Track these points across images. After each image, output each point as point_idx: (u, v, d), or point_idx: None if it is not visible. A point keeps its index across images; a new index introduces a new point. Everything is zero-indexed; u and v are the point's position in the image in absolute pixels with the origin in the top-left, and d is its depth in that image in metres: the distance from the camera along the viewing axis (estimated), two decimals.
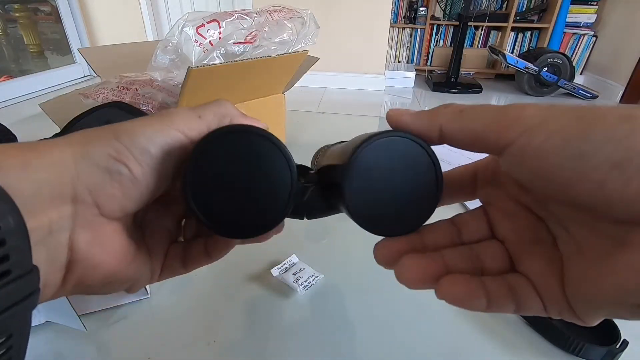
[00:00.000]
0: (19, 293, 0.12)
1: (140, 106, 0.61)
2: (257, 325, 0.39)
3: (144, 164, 0.16)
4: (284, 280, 0.43)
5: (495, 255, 0.18)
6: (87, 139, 0.16)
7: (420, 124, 0.17)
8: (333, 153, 0.23)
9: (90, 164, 0.15)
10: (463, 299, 0.16)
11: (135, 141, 0.16)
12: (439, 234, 0.19)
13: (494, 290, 0.17)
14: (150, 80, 0.64)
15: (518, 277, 0.17)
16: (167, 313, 0.41)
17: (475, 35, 2.30)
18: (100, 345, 0.37)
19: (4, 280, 0.11)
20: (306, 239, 0.52)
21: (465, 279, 0.17)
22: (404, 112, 0.18)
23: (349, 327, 0.39)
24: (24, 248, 0.12)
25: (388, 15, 1.78)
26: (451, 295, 0.17)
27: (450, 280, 0.17)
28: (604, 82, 1.98)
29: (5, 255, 0.11)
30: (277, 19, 0.69)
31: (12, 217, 0.12)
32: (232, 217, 0.18)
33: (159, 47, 0.61)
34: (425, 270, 0.17)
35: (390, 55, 2.42)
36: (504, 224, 0.18)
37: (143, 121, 0.17)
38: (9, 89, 1.46)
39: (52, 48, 1.99)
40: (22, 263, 0.12)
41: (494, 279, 0.17)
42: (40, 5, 1.91)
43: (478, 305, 0.16)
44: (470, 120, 0.16)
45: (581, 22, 2.10)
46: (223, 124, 0.19)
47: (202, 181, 0.17)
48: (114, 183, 0.15)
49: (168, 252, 0.21)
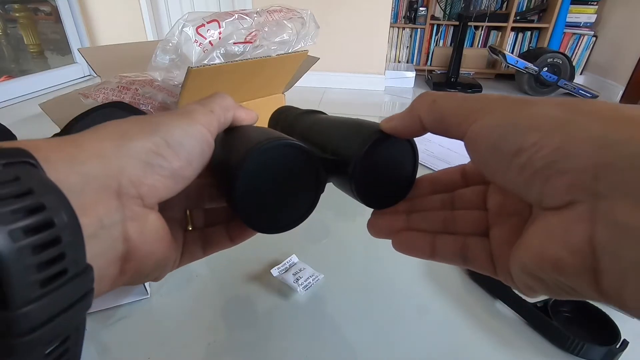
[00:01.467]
0: (75, 294, 0.12)
1: (140, 106, 0.61)
2: (257, 325, 0.39)
3: (181, 156, 0.17)
4: (284, 280, 0.43)
5: (472, 221, 0.20)
6: (125, 132, 0.16)
7: (405, 124, 0.19)
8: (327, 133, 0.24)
9: (132, 157, 0.15)
10: (408, 248, 0.21)
11: (173, 135, 0.17)
12: (430, 202, 0.23)
13: (443, 245, 0.20)
14: (150, 80, 0.64)
15: (479, 240, 0.19)
16: (167, 313, 0.41)
17: (475, 35, 2.30)
18: (100, 345, 0.37)
19: (60, 280, 0.11)
20: (306, 239, 0.52)
21: (415, 234, 0.21)
22: (389, 119, 0.20)
23: (349, 327, 0.39)
24: (78, 245, 0.12)
25: (388, 15, 1.78)
26: (397, 243, 0.21)
27: (403, 234, 0.22)
28: (604, 82, 1.98)
29: (61, 253, 0.11)
30: (277, 19, 0.69)
31: (65, 213, 0.11)
32: (269, 216, 0.20)
33: (159, 47, 0.61)
34: (389, 225, 0.22)
35: (390, 55, 2.42)
36: (494, 198, 0.20)
37: (174, 116, 0.18)
38: (9, 89, 1.46)
39: (52, 48, 1.99)
40: (77, 261, 0.12)
41: (449, 237, 0.20)
42: (40, 5, 1.91)
43: (423, 254, 0.21)
44: (440, 111, 0.18)
45: (581, 22, 2.10)
46: (227, 117, 0.21)
47: (247, 188, 0.19)
48: (155, 175, 0.16)
49: (185, 240, 0.22)
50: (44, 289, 0.10)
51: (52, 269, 0.11)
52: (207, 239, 0.22)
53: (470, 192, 0.22)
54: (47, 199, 0.11)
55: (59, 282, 0.11)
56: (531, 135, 0.13)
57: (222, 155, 0.21)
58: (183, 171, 0.17)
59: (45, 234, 0.11)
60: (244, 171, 0.18)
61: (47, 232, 0.11)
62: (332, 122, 0.25)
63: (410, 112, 0.19)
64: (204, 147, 0.18)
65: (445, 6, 1.94)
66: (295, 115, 0.29)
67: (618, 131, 0.12)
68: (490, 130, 0.15)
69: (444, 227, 0.21)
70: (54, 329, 0.11)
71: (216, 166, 0.21)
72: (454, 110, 0.17)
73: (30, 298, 0.10)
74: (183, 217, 0.23)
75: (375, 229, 0.23)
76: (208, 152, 0.19)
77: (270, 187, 0.19)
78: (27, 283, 0.10)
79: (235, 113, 0.21)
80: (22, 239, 0.10)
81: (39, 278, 0.10)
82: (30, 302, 0.10)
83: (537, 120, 0.14)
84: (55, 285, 0.11)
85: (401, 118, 0.20)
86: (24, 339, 0.10)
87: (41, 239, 0.10)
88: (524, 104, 0.15)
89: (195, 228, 0.23)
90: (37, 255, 0.10)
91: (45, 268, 0.11)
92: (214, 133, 0.19)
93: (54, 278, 0.11)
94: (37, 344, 0.10)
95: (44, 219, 0.11)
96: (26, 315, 0.10)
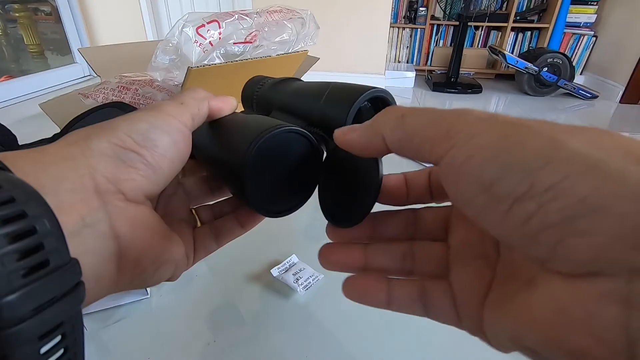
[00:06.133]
0: (63, 285, 0.11)
1: (140, 106, 0.61)
2: (257, 325, 0.39)
3: (149, 146, 0.17)
4: (284, 280, 0.43)
5: (432, 258, 0.18)
6: (88, 135, 0.16)
7: (364, 141, 0.16)
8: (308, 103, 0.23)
9: (100, 155, 0.15)
10: (360, 296, 0.18)
11: (136, 128, 0.17)
12: (394, 225, 0.20)
13: (399, 292, 0.18)
14: (150, 80, 0.64)
15: (440, 284, 0.17)
16: (167, 313, 0.41)
17: (475, 35, 2.30)
18: (100, 345, 0.37)
19: (43, 270, 0.11)
20: (306, 239, 0.52)
21: (368, 281, 0.18)
22: (347, 130, 0.17)
23: (349, 327, 0.39)
24: (56, 236, 0.12)
25: (388, 15, 1.78)
26: (348, 291, 0.19)
27: (356, 280, 0.19)
28: (604, 82, 1.98)
29: (39, 244, 0.11)
30: (277, 19, 0.69)
31: (36, 204, 0.11)
32: (279, 200, 0.21)
33: (159, 47, 0.61)
34: (344, 259, 0.20)
35: (390, 55, 2.42)
36: (458, 231, 0.18)
37: (138, 112, 0.18)
38: (9, 89, 1.46)
39: (52, 48, 1.99)
40: (58, 252, 0.12)
41: (407, 282, 0.18)
42: (40, 5, 1.91)
43: (378, 304, 0.18)
44: (408, 130, 0.14)
45: (581, 22, 2.10)
46: (202, 108, 0.20)
47: (255, 180, 0.19)
48: (130, 168, 0.16)
49: (195, 236, 0.22)
50: (26, 279, 0.10)
51: (32, 259, 0.11)
52: (218, 230, 0.22)
53: (432, 216, 0.19)
54: (15, 193, 0.11)
55: (41, 272, 0.11)
56: (546, 176, 0.10)
57: (216, 149, 0.21)
58: (159, 163, 0.17)
59: (17, 225, 0.11)
60: (249, 166, 0.18)
61: (20, 223, 0.11)
62: (309, 91, 0.24)
63: (372, 128, 0.16)
64: (176, 137, 0.18)
65: (445, 6, 1.94)
66: (269, 86, 0.27)
67: None
68: (481, 163, 0.11)
69: (402, 265, 0.19)
70: (44, 321, 0.11)
71: (213, 160, 0.21)
72: (426, 129, 0.14)
73: (12, 288, 0.10)
74: (190, 216, 0.23)
75: (326, 262, 0.20)
76: (183, 143, 0.18)
77: (275, 174, 0.20)
78: (6, 272, 0.10)
79: (211, 103, 0.21)
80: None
81: (18, 267, 0.10)
82: (13, 291, 0.10)
83: (551, 153, 0.10)
84: (38, 275, 0.11)
85: (360, 133, 0.16)
86: (11, 330, 0.10)
87: (14, 229, 0.10)
88: (525, 127, 0.11)
89: (204, 223, 0.23)
90: (14, 245, 0.10)
91: (24, 257, 0.11)
92: (188, 124, 0.19)
93: (36, 269, 0.11)
94: (27, 337, 0.10)
95: (15, 211, 0.11)
96: (10, 304, 0.10)
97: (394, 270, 0.19)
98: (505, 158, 0.11)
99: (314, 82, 0.24)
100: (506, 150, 0.11)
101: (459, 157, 0.12)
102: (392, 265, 0.19)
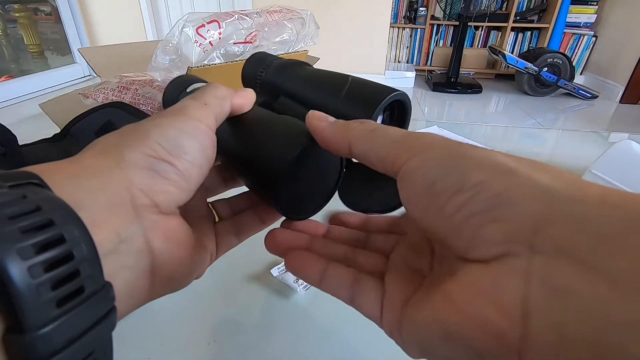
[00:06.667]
0: (96, 313, 0.11)
1: (140, 106, 0.61)
2: (257, 325, 0.39)
3: (181, 155, 0.16)
4: (284, 280, 0.43)
5: (371, 260, 0.19)
6: (121, 144, 0.15)
7: (332, 136, 0.17)
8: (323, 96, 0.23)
9: (134, 167, 0.15)
10: (296, 269, 0.19)
11: (167, 136, 0.16)
12: (342, 234, 0.21)
13: (333, 273, 0.18)
14: (150, 80, 0.64)
15: (374, 281, 0.18)
16: (167, 313, 0.41)
17: (475, 35, 2.30)
18: None
19: (78, 299, 0.11)
20: None
21: (309, 256, 0.19)
22: (323, 118, 0.18)
23: (349, 327, 0.39)
24: (93, 262, 0.11)
25: (388, 15, 1.78)
26: (288, 262, 0.19)
27: (297, 253, 0.19)
28: (604, 82, 1.98)
29: (75, 270, 0.11)
30: (277, 19, 0.69)
31: (75, 228, 0.11)
32: (304, 203, 0.21)
33: (159, 47, 0.61)
34: (289, 241, 0.20)
35: (390, 55, 2.42)
36: (401, 250, 0.19)
37: (165, 117, 0.17)
38: (9, 89, 1.46)
39: (52, 48, 1.99)
40: (93, 278, 0.11)
41: (344, 268, 0.18)
42: (40, 5, 1.91)
43: (311, 279, 0.18)
44: (376, 144, 0.16)
45: (581, 22, 2.10)
46: (224, 107, 0.20)
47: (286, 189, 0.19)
48: (164, 180, 0.16)
49: (217, 232, 0.22)
50: (61, 308, 0.10)
51: (67, 287, 0.10)
52: (239, 226, 0.22)
53: (384, 238, 0.20)
54: (55, 215, 0.11)
55: (76, 301, 0.10)
56: (475, 175, 0.13)
57: (241, 149, 0.20)
58: (189, 171, 0.17)
59: (56, 250, 0.10)
60: (284, 176, 0.18)
61: (58, 248, 0.10)
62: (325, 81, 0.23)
63: (342, 131, 0.17)
64: (205, 142, 0.18)
65: (445, 6, 1.94)
66: (277, 68, 0.26)
67: (567, 188, 0.11)
68: (430, 167, 0.14)
69: (343, 258, 0.20)
70: (77, 351, 0.10)
71: (236, 160, 0.21)
72: (393, 145, 0.15)
73: (46, 319, 0.10)
74: (209, 211, 0.22)
75: (272, 244, 0.21)
76: (211, 147, 0.18)
77: (304, 180, 0.20)
78: (41, 302, 0.10)
79: (233, 100, 0.20)
80: (32, 257, 0.10)
81: (54, 296, 0.10)
82: (47, 324, 0.10)
83: (482, 161, 0.13)
84: (72, 304, 0.10)
85: (331, 131, 0.17)
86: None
87: (52, 255, 0.10)
88: (470, 147, 0.14)
89: (223, 218, 0.23)
90: (50, 273, 0.10)
91: (59, 286, 0.10)
92: (213, 126, 0.19)
93: (71, 297, 0.10)
94: None
95: (54, 235, 0.10)
96: (45, 338, 0.09)
97: (336, 259, 0.19)
98: (448, 164, 0.14)
99: (327, 72, 0.24)
100: (450, 158, 0.14)
101: (414, 163, 0.14)
102: (334, 255, 0.20)
